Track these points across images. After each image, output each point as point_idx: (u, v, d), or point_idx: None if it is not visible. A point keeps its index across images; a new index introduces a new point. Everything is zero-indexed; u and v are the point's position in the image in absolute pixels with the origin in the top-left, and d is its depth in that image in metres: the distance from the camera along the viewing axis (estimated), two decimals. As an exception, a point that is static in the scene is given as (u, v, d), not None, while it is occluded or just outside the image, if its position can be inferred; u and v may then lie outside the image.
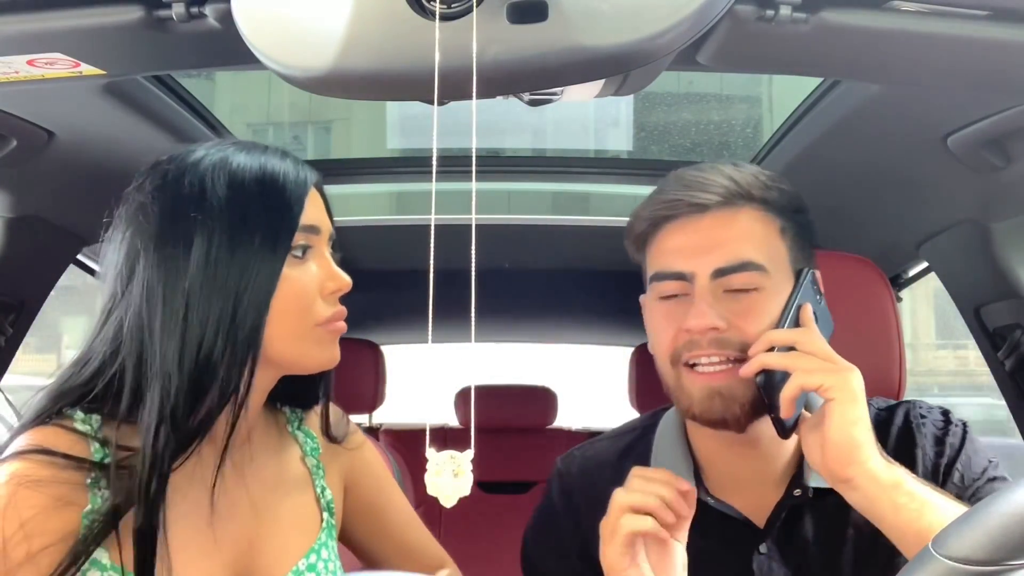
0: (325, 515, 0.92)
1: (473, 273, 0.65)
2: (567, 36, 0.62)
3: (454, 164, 1.12)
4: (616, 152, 2.25)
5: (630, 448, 1.02)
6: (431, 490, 0.61)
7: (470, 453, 0.60)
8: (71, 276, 1.49)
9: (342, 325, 0.87)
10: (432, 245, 0.64)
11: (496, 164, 1.77)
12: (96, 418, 0.79)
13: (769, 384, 0.84)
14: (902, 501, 0.76)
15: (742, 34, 0.77)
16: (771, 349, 0.84)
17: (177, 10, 0.76)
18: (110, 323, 0.81)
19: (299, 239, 0.82)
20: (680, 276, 0.88)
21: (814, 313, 0.88)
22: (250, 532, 0.85)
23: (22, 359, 1.43)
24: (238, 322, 0.78)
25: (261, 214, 0.80)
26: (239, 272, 0.78)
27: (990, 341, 1.41)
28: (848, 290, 0.93)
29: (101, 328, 0.82)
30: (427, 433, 0.65)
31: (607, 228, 1.78)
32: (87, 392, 0.80)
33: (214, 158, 0.82)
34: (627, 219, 0.98)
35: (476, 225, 0.62)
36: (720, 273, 0.86)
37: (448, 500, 0.61)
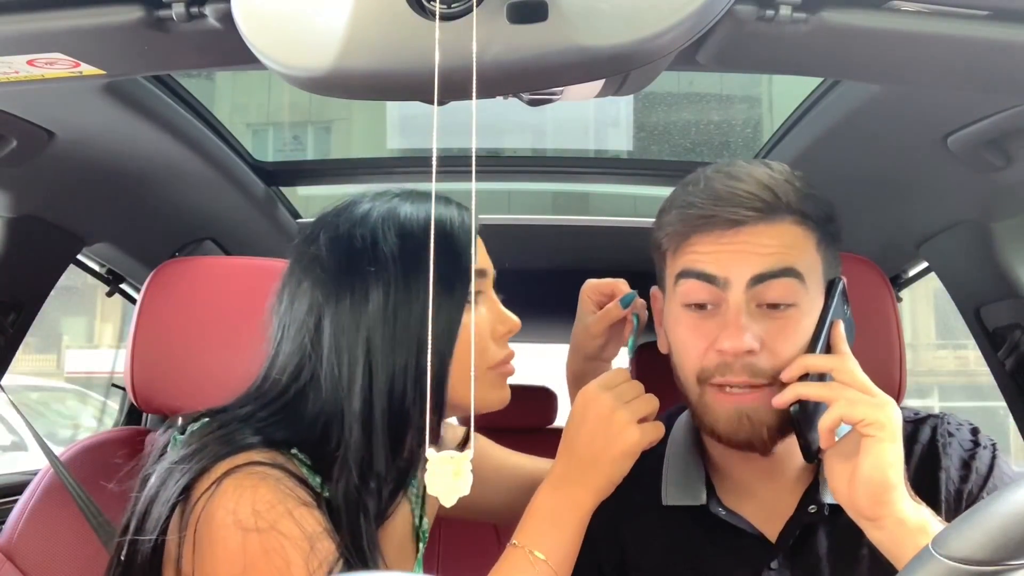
0: (420, 545, 0.95)
1: (473, 272, 0.65)
2: (567, 36, 0.62)
3: (454, 164, 1.12)
4: (616, 152, 2.25)
5: (641, 459, 1.00)
6: (431, 490, 0.61)
7: (469, 453, 0.60)
8: (71, 276, 1.49)
9: (512, 367, 0.89)
10: (432, 245, 0.64)
11: (496, 164, 1.77)
12: (304, 457, 0.80)
13: (803, 412, 0.82)
14: (924, 543, 0.75)
15: (742, 34, 0.77)
16: (805, 375, 0.82)
17: (177, 10, 0.76)
18: (303, 375, 0.82)
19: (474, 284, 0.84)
20: (711, 279, 0.84)
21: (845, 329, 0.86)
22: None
23: (22, 359, 1.43)
24: (423, 369, 0.79)
25: (435, 262, 0.80)
26: (419, 321, 0.79)
27: (990, 341, 1.41)
28: (848, 290, 0.93)
29: (293, 380, 0.82)
30: (427, 433, 0.65)
31: (607, 228, 1.78)
32: (289, 438, 0.80)
33: (381, 210, 0.84)
34: (627, 219, 0.97)
35: (476, 225, 0.62)
36: (759, 279, 0.83)
37: (448, 500, 0.61)
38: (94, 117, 1.09)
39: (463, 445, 1.00)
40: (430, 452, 0.61)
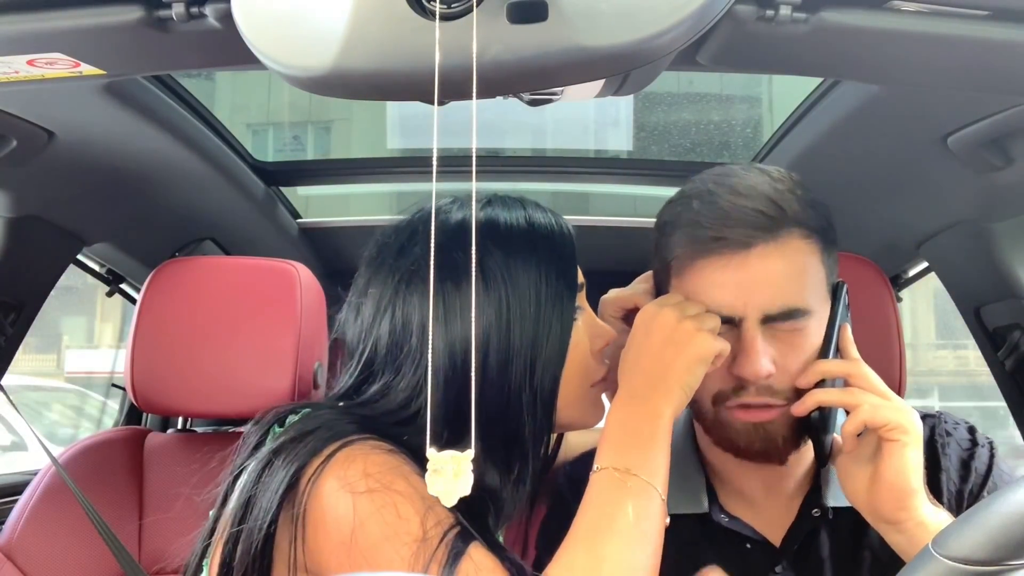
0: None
1: (474, 272, 0.65)
2: (567, 36, 0.62)
3: (454, 164, 1.12)
4: (616, 152, 2.25)
5: None
6: (431, 490, 0.61)
7: (471, 453, 0.60)
8: (71, 276, 1.49)
9: (606, 385, 0.85)
10: (432, 245, 0.64)
11: (496, 164, 1.77)
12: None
13: (822, 418, 0.82)
14: None
15: (742, 34, 0.77)
16: (821, 380, 0.82)
17: (177, 10, 0.76)
18: (417, 400, 0.78)
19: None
20: (727, 319, 0.82)
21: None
22: None
23: (22, 359, 1.43)
24: (536, 389, 0.76)
25: (538, 275, 0.78)
26: (531, 337, 0.76)
27: (990, 341, 1.41)
28: (849, 290, 0.93)
29: (394, 376, 0.79)
30: (427, 433, 0.65)
31: (607, 228, 1.78)
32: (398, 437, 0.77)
33: (478, 219, 0.81)
34: (627, 219, 0.96)
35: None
36: (769, 319, 0.82)
37: (448, 500, 0.61)
38: (94, 117, 1.09)
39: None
40: (430, 452, 0.61)
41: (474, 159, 0.62)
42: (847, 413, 0.82)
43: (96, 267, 1.62)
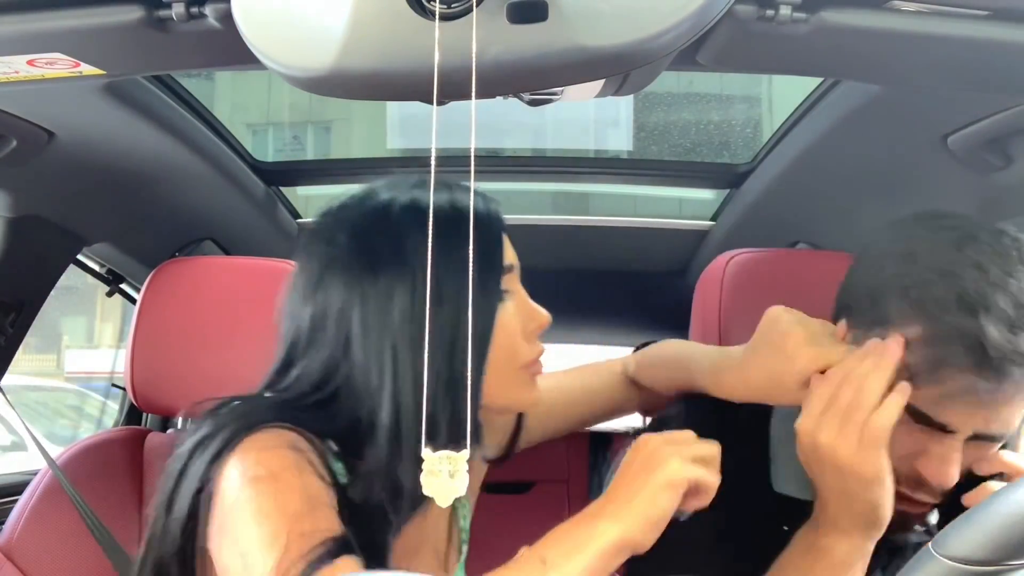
0: (463, 548, 0.92)
1: (471, 272, 0.65)
2: (567, 36, 0.62)
3: (454, 164, 1.11)
4: (616, 152, 2.25)
5: (738, 434, 0.90)
6: (427, 490, 0.61)
7: (466, 453, 0.60)
8: (71, 276, 1.49)
9: (541, 365, 0.84)
10: (431, 245, 0.64)
11: (496, 164, 1.77)
12: (333, 445, 0.76)
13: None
14: None
15: (742, 34, 0.77)
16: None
17: (177, 10, 0.76)
18: (335, 379, 0.77)
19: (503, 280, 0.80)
20: (942, 428, 0.77)
21: None
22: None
23: (22, 359, 1.43)
24: (457, 372, 0.74)
25: (462, 257, 0.76)
26: (450, 321, 0.74)
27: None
28: None
29: (323, 383, 0.78)
30: (423, 433, 0.65)
31: (607, 228, 1.78)
32: (320, 429, 0.76)
33: (402, 200, 0.80)
34: (627, 219, 0.95)
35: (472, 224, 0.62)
36: (977, 439, 0.78)
37: (444, 500, 0.61)
38: (94, 117, 1.09)
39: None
40: (426, 452, 0.60)
41: (472, 159, 0.62)
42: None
43: (96, 267, 1.62)
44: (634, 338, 2.38)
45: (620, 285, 2.09)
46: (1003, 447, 0.83)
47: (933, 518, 0.88)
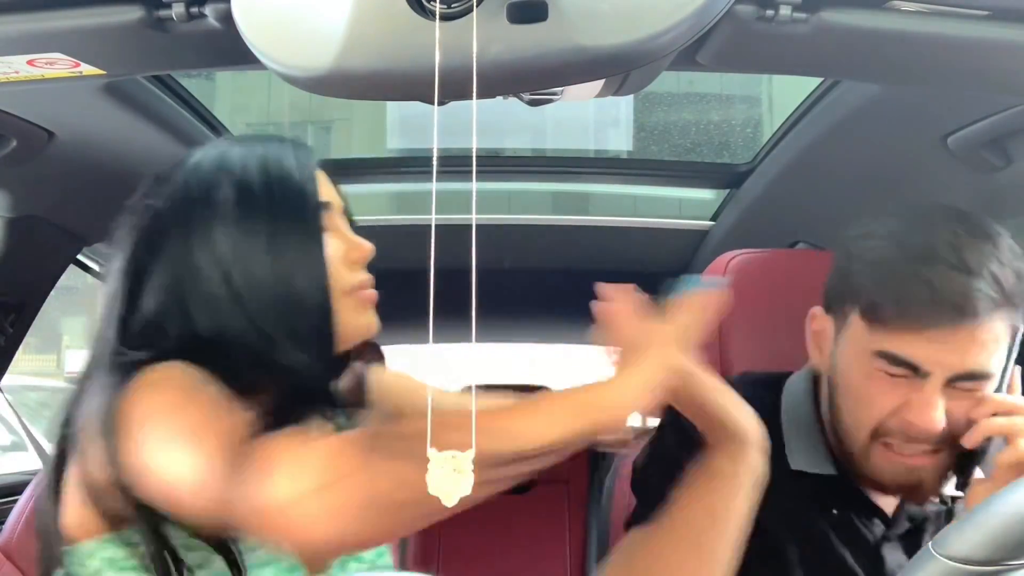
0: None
1: (474, 273, 0.65)
2: (567, 36, 0.62)
3: (454, 164, 1.11)
4: (616, 152, 2.26)
5: (754, 397, 0.93)
6: (431, 489, 0.61)
7: (471, 453, 0.60)
8: (71, 276, 1.49)
9: (372, 292, 0.88)
10: (432, 245, 0.64)
11: (496, 164, 1.77)
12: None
13: (983, 449, 0.84)
14: None
15: (742, 34, 0.77)
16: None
17: (177, 10, 0.76)
18: (166, 331, 0.80)
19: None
20: (914, 369, 0.83)
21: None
22: None
23: (22, 359, 1.43)
24: (302, 307, 0.79)
25: (273, 200, 0.81)
26: (270, 265, 0.79)
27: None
28: None
29: (156, 337, 0.81)
30: (428, 432, 0.65)
31: (607, 228, 1.78)
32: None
33: (212, 156, 0.84)
34: (627, 219, 0.96)
35: (476, 225, 0.62)
36: (956, 380, 0.83)
37: (449, 499, 0.61)
38: (94, 117, 1.09)
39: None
40: (431, 451, 0.61)
41: (474, 159, 0.62)
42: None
43: (96, 267, 1.62)
44: (634, 338, 2.39)
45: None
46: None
47: (949, 488, 0.90)
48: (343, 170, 1.78)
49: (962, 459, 0.86)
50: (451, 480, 0.60)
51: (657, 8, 0.62)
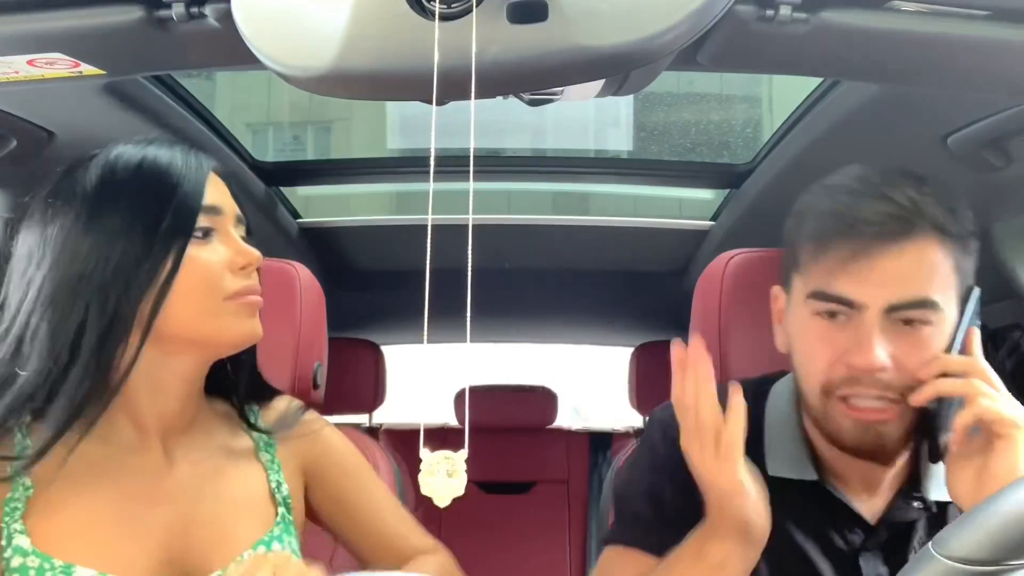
0: (281, 510, 0.92)
1: (470, 273, 0.65)
2: (567, 36, 0.62)
3: (454, 164, 1.11)
4: (616, 152, 2.25)
5: None
6: (425, 490, 0.61)
7: (464, 453, 0.60)
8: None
9: (255, 298, 0.88)
10: (429, 245, 0.64)
11: (496, 164, 1.77)
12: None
13: (940, 412, 0.83)
14: None
15: (742, 34, 0.77)
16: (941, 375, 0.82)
17: (177, 10, 0.76)
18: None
19: (201, 220, 0.84)
20: (847, 303, 0.83)
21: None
22: (185, 517, 0.85)
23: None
24: (103, 307, 0.79)
25: (138, 199, 0.82)
26: (97, 256, 0.80)
27: (990, 341, 1.41)
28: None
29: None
30: (421, 433, 0.65)
31: (607, 228, 1.78)
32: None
33: (105, 151, 0.86)
34: (627, 219, 0.97)
35: (475, 225, 0.62)
36: (893, 309, 0.82)
37: (442, 500, 0.61)
38: (94, 117, 1.09)
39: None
40: (424, 452, 0.61)
41: (472, 159, 0.62)
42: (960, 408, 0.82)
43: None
44: (634, 338, 2.39)
45: (620, 285, 2.09)
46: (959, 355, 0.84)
47: (936, 493, 0.89)
48: (343, 170, 1.78)
49: (925, 422, 0.84)
50: (445, 482, 0.60)
51: (657, 8, 0.62)
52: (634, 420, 2.61)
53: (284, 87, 0.72)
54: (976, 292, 0.87)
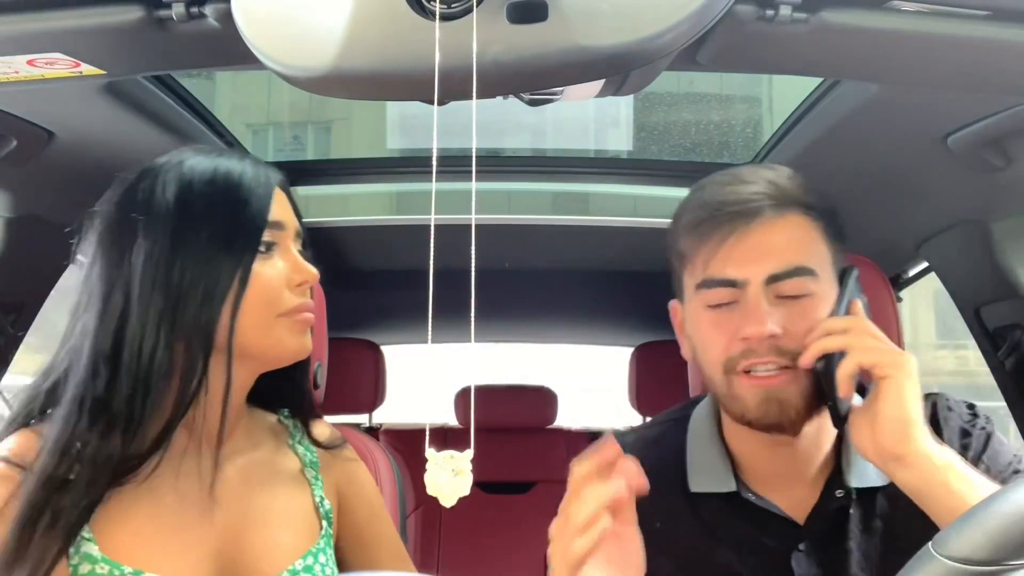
0: (324, 524, 0.93)
1: (473, 273, 0.65)
2: (567, 36, 0.62)
3: (454, 164, 1.12)
4: (616, 152, 2.25)
5: (661, 436, 1.03)
6: (430, 489, 0.61)
7: (469, 453, 0.61)
8: (71, 276, 1.49)
9: (308, 316, 0.89)
10: (432, 245, 0.64)
11: (496, 164, 1.77)
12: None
13: (827, 370, 0.85)
14: (954, 482, 0.77)
15: (742, 34, 0.77)
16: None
17: (177, 10, 0.76)
18: (75, 332, 0.84)
19: (264, 235, 0.85)
20: (731, 283, 0.88)
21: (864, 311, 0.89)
22: (238, 526, 0.86)
23: (22, 359, 1.43)
24: (184, 318, 0.80)
25: (213, 213, 0.83)
26: (182, 269, 0.81)
27: (990, 341, 1.41)
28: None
29: (67, 338, 0.84)
30: (427, 433, 0.65)
31: (607, 228, 1.78)
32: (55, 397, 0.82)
33: (172, 162, 0.86)
34: (627, 219, 0.98)
35: (476, 225, 0.62)
36: (774, 279, 0.87)
37: (447, 500, 0.61)
38: (94, 117, 1.09)
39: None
40: (430, 452, 0.61)
41: (474, 159, 0.62)
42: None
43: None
44: (634, 338, 2.39)
45: (620, 285, 2.09)
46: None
47: (860, 479, 0.90)
48: (343, 170, 1.78)
49: (822, 392, 0.87)
50: (450, 481, 0.60)
51: (657, 8, 0.62)
52: (634, 420, 2.61)
53: (284, 87, 0.73)
54: (855, 270, 0.92)
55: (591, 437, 2.76)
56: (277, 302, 0.85)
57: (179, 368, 0.81)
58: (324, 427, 1.01)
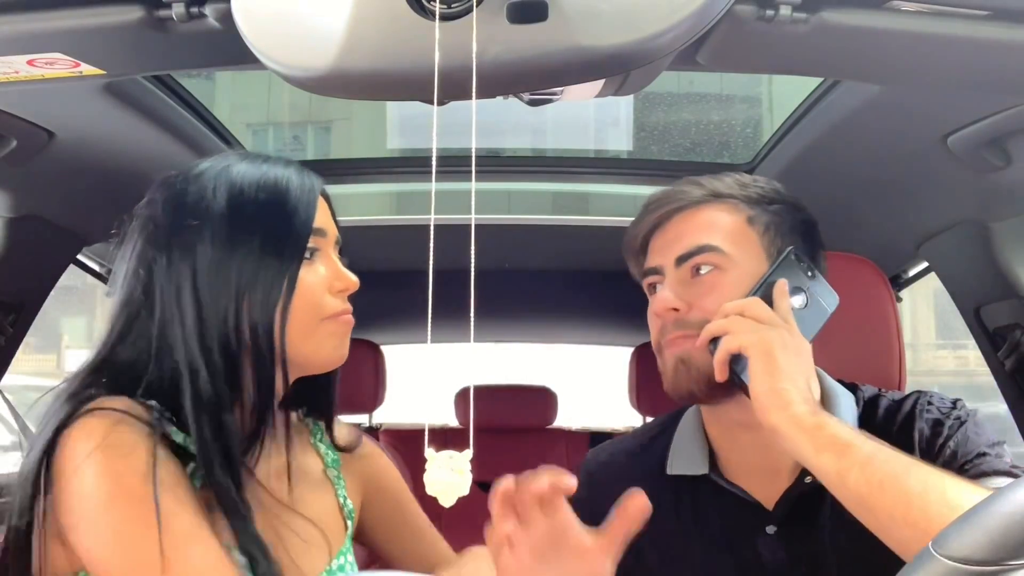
0: (348, 523, 0.95)
1: (473, 273, 0.65)
2: (567, 36, 0.62)
3: (454, 164, 1.11)
4: (616, 152, 2.25)
5: (653, 440, 1.07)
6: (430, 489, 0.61)
7: (469, 453, 0.61)
8: (71, 276, 1.49)
9: (350, 319, 0.90)
10: (431, 245, 0.64)
11: (496, 164, 1.77)
12: (161, 408, 0.81)
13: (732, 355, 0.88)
14: (822, 443, 0.79)
15: (742, 34, 0.77)
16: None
17: (177, 10, 0.76)
18: (135, 327, 0.83)
19: (308, 242, 0.85)
20: (655, 271, 0.97)
21: (803, 290, 0.91)
22: (279, 526, 0.87)
23: (22, 359, 1.43)
24: (247, 322, 0.81)
25: (263, 219, 0.83)
26: (238, 274, 0.81)
27: (990, 341, 1.41)
28: (848, 290, 0.93)
29: (120, 331, 0.84)
30: (426, 433, 0.65)
31: (607, 228, 1.78)
32: (133, 384, 0.81)
33: (217, 168, 0.86)
34: (627, 219, 1.00)
35: (476, 225, 0.62)
36: (681, 260, 0.94)
37: (447, 499, 0.61)
38: (94, 117, 1.09)
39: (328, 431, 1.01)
40: (429, 452, 0.61)
41: (474, 159, 0.62)
42: None
43: (96, 267, 1.62)
44: (634, 338, 2.39)
45: (620, 285, 2.09)
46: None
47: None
48: (343, 170, 1.78)
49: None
50: (449, 481, 0.61)
51: (657, 8, 0.62)
52: (634, 420, 2.61)
53: (284, 87, 0.73)
54: (791, 251, 0.93)
55: (591, 437, 2.76)
56: (320, 307, 0.86)
57: (248, 371, 0.82)
58: (344, 428, 1.02)
